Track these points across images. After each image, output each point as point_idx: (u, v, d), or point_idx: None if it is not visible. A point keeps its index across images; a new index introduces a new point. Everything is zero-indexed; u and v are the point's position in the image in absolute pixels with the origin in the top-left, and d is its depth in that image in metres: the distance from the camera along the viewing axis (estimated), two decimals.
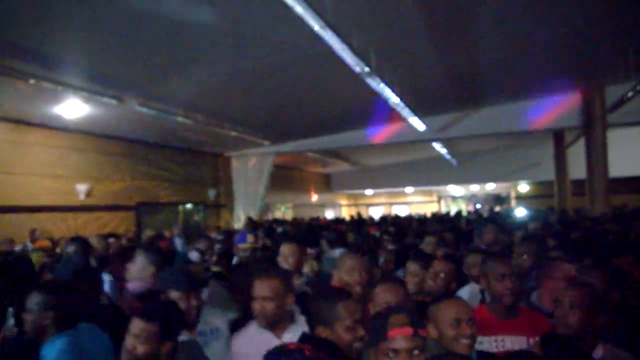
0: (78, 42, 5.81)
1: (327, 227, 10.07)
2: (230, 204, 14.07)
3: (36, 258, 5.12)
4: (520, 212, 13.06)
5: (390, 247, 5.62)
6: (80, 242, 4.39)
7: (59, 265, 3.73)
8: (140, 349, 1.94)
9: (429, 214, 16.24)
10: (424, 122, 9.70)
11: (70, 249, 4.26)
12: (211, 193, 13.84)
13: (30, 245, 7.97)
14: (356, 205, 26.09)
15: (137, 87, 7.46)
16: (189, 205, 13.37)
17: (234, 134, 10.61)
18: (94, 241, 5.18)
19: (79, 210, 9.71)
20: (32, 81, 6.23)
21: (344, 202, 25.44)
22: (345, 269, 2.86)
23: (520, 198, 21.91)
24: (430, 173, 19.93)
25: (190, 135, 10.87)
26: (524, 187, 21.90)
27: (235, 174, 13.78)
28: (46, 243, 7.30)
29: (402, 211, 22.71)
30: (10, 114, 8.28)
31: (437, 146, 13.90)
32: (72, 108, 7.87)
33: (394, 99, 7.37)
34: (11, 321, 2.72)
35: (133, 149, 11.23)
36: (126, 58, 6.43)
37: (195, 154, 13.36)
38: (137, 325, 1.96)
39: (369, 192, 24.45)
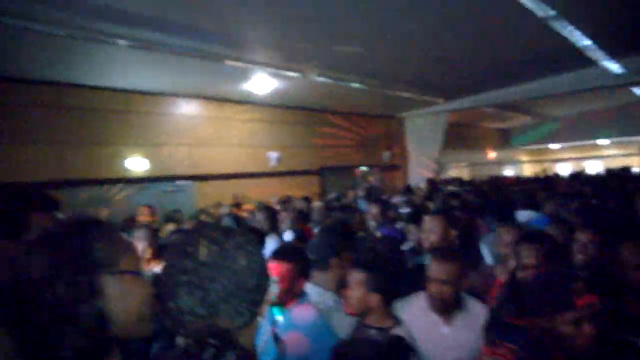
0: (263, 23, 6.32)
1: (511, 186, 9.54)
2: (405, 164, 14.16)
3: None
4: None
5: None
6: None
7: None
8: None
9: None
10: (621, 65, 8.38)
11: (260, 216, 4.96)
12: (385, 155, 14.07)
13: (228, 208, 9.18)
14: (539, 161, 23.89)
15: (316, 59, 7.84)
16: (365, 168, 13.81)
17: (407, 95, 10.55)
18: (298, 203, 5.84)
19: (271, 175, 10.79)
20: (227, 62, 7.06)
21: (525, 158, 23.52)
22: None
23: None
24: (629, 121, 17.15)
25: (365, 100, 11.12)
26: None
27: (408, 135, 13.74)
28: (251, 207, 8.27)
29: (594, 167, 20.21)
30: (210, 93, 9.46)
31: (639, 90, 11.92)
32: (261, 83, 8.67)
33: (583, 42, 6.51)
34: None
35: (314, 116, 11.96)
36: (307, 33, 6.80)
37: (370, 117, 13.65)
38: None
39: (554, 146, 22.11)
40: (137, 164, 8.45)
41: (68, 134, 7.64)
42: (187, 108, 9.39)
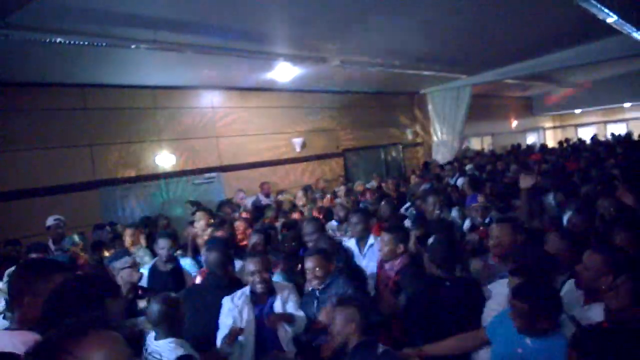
0: (283, 16, 6.22)
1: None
2: (428, 141, 14.03)
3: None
4: None
5: None
6: None
7: None
8: None
9: None
10: None
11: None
12: (408, 132, 13.95)
13: (262, 197, 9.28)
14: (562, 127, 23.43)
15: (338, 45, 7.73)
16: (388, 147, 13.71)
17: (429, 73, 10.37)
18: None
19: (296, 161, 10.82)
20: (246, 53, 7.00)
21: (547, 124, 23.05)
22: None
23: None
24: None
25: (387, 80, 10.98)
26: None
27: (431, 111, 13.55)
28: (290, 198, 8.31)
29: (618, 130, 19.77)
30: (233, 84, 9.44)
31: None
32: (283, 72, 8.60)
33: (610, 16, 6.30)
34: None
35: (336, 100, 11.86)
36: (328, 20, 6.68)
37: (392, 96, 13.48)
38: None
39: (577, 110, 21.61)
40: (165, 160, 8.53)
41: (96, 135, 7.72)
42: (211, 100, 9.39)
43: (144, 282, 3.88)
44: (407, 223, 4.78)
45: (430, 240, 3.63)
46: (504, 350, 2.46)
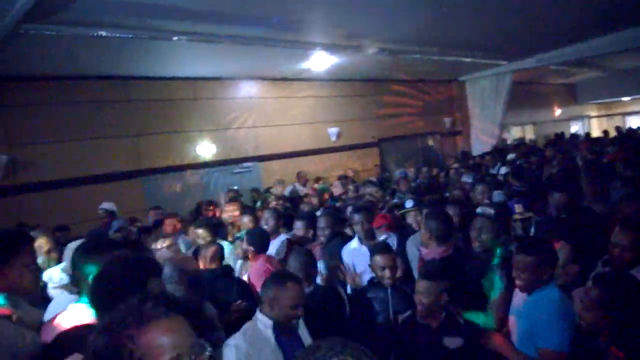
0: (320, 3, 6.23)
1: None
2: (467, 129, 13.77)
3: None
4: None
5: None
6: None
7: None
8: None
9: None
10: None
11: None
12: (446, 121, 13.72)
13: (299, 187, 9.37)
14: (608, 115, 22.45)
15: (375, 34, 7.68)
16: (425, 136, 13.54)
17: (469, 59, 10.18)
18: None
19: (331, 151, 10.86)
20: (283, 43, 7.07)
21: (593, 113, 22.16)
22: None
23: None
24: None
25: (425, 67, 10.83)
26: None
27: (470, 99, 13.29)
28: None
29: None
30: (271, 74, 9.53)
31: None
32: (320, 61, 8.64)
33: None
34: None
35: (373, 88, 11.81)
36: (365, 9, 6.65)
37: (430, 84, 13.26)
38: None
39: (625, 98, 20.61)
40: (206, 149, 8.76)
41: (140, 125, 8.00)
42: (249, 90, 9.54)
43: None
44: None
45: None
46: None
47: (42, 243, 3.73)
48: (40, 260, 2.88)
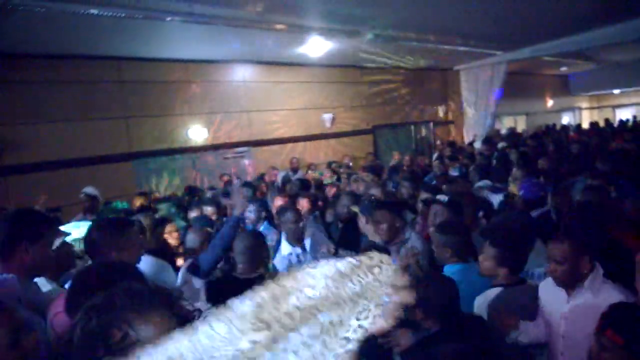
0: None
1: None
2: (460, 119, 13.76)
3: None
4: None
5: None
6: None
7: None
8: None
9: None
10: None
11: None
12: (440, 110, 13.69)
13: (290, 173, 9.28)
14: (599, 107, 22.60)
15: (372, 20, 7.58)
16: (419, 125, 13.50)
17: (464, 48, 10.11)
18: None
19: (325, 137, 10.78)
20: (279, 26, 6.93)
21: (584, 104, 22.28)
22: None
23: None
24: None
25: (421, 55, 10.75)
26: None
27: (464, 88, 13.25)
28: (316, 175, 8.32)
29: None
30: (265, 58, 9.39)
31: None
32: (315, 47, 8.51)
33: None
34: None
35: (367, 74, 11.67)
36: None
37: (424, 72, 13.19)
38: None
39: (615, 91, 20.73)
40: (197, 133, 8.63)
41: (131, 107, 7.85)
42: (243, 75, 9.40)
43: None
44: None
45: None
46: None
47: None
48: None
